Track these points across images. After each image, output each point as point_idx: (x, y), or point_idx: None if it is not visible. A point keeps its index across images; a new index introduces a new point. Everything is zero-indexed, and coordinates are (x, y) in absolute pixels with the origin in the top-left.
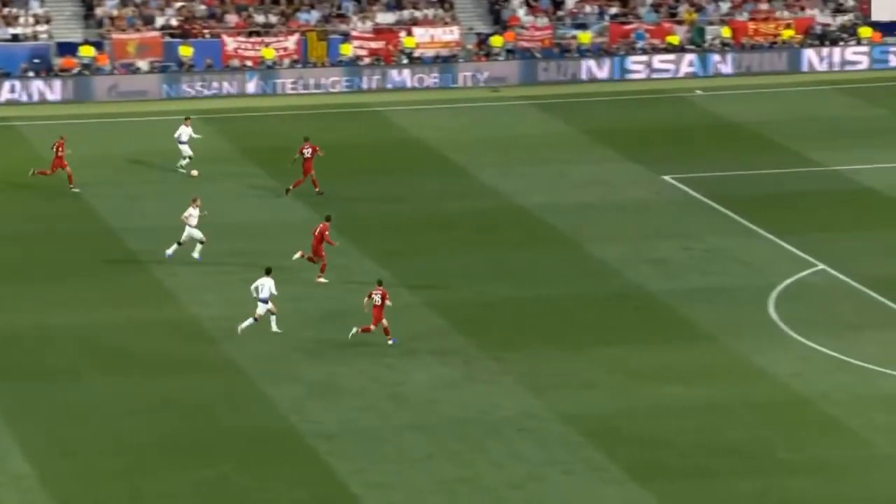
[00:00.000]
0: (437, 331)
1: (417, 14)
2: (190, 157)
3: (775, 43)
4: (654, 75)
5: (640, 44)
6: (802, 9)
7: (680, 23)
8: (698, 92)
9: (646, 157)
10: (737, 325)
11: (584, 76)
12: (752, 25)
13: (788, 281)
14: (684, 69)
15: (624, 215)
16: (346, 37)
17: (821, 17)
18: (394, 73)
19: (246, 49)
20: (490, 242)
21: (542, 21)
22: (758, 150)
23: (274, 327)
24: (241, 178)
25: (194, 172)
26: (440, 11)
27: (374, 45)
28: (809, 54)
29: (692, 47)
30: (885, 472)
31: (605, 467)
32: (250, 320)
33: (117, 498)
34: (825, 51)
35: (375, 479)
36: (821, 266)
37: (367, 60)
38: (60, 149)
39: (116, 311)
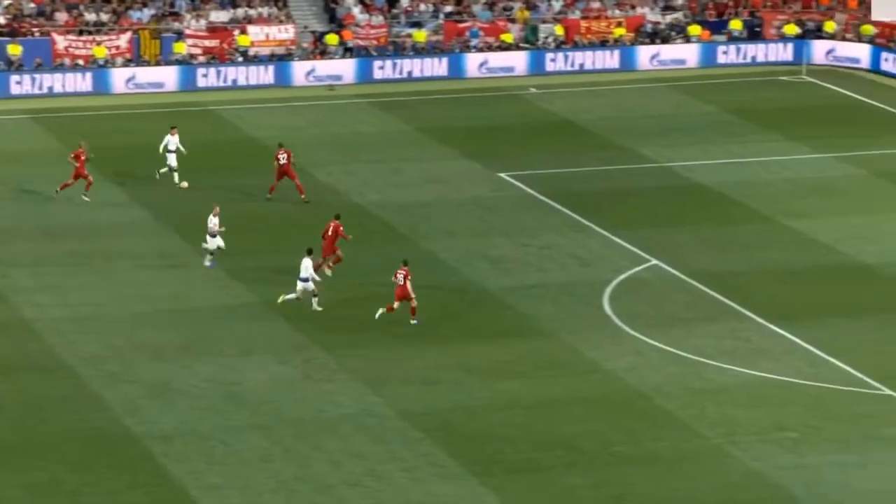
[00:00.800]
0: (275, 329)
1: (252, 12)
2: (173, 168)
3: (607, 41)
4: (489, 73)
5: (474, 42)
6: (633, 7)
7: (513, 21)
8: (532, 90)
9: (482, 155)
10: (572, 320)
11: (419, 74)
12: (584, 24)
13: (622, 276)
14: (518, 67)
15: (461, 213)
16: (180, 35)
17: (651, 16)
18: (229, 71)
19: (77, 48)
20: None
21: (378, 19)
22: (591, 147)
23: (315, 306)
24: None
25: (184, 184)
26: (274, 10)
27: (208, 43)
28: (640, 52)
29: (526, 45)
30: (715, 463)
31: (444, 463)
32: (293, 294)
33: None
34: (655, 48)
35: (212, 480)
36: (653, 261)
37: (201, 59)
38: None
39: None
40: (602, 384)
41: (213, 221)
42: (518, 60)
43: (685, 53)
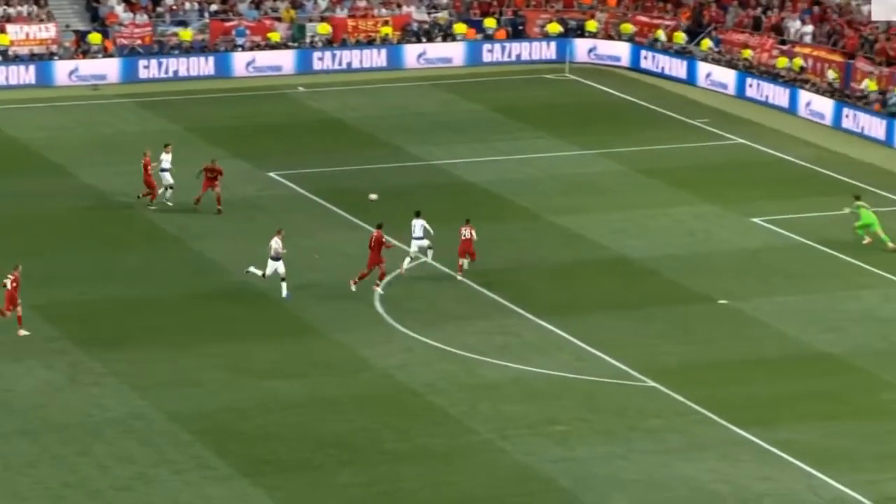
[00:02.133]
0: (43, 334)
1: (11, 11)
2: (171, 187)
3: (374, 40)
4: (257, 72)
5: (241, 41)
6: (399, 6)
7: (280, 20)
8: (300, 89)
9: (251, 154)
10: (344, 318)
11: (186, 74)
12: (350, 23)
13: (393, 274)
14: (286, 66)
15: (231, 212)
16: None
17: (417, 15)
18: None
19: None
20: (94, 242)
21: (142, 18)
22: (361, 145)
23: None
24: None
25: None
26: (35, 8)
27: None
28: (407, 51)
29: (293, 44)
30: (487, 458)
31: (215, 465)
32: (259, 271)
33: None
34: (422, 47)
35: None
36: (424, 259)
37: None
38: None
39: None
40: (374, 382)
41: (277, 244)
42: (285, 59)
43: (451, 52)
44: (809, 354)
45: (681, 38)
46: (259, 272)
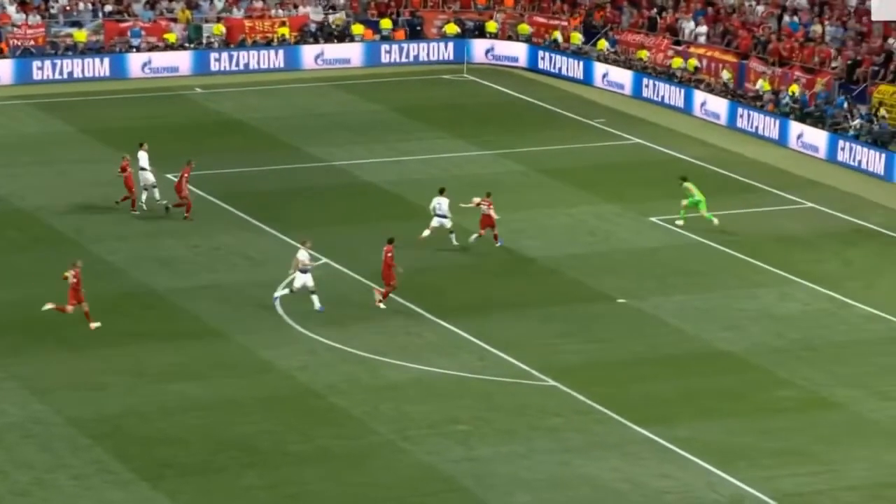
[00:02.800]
0: None
1: None
2: (154, 185)
3: (271, 41)
4: (153, 73)
5: (136, 42)
6: (296, 7)
7: (176, 20)
8: (197, 90)
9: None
10: (244, 320)
11: (81, 75)
12: (247, 23)
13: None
14: (183, 67)
15: (128, 215)
16: None
17: (314, 15)
18: None
19: None
20: None
21: (35, 19)
22: (260, 146)
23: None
24: None
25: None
26: None
27: None
28: (305, 51)
29: (189, 45)
30: (389, 458)
31: (115, 469)
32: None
33: None
34: (319, 48)
35: None
36: (324, 260)
37: None
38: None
39: None
40: (276, 383)
41: (304, 256)
42: (182, 60)
43: (349, 53)
44: (708, 352)
45: (577, 38)
46: (284, 291)
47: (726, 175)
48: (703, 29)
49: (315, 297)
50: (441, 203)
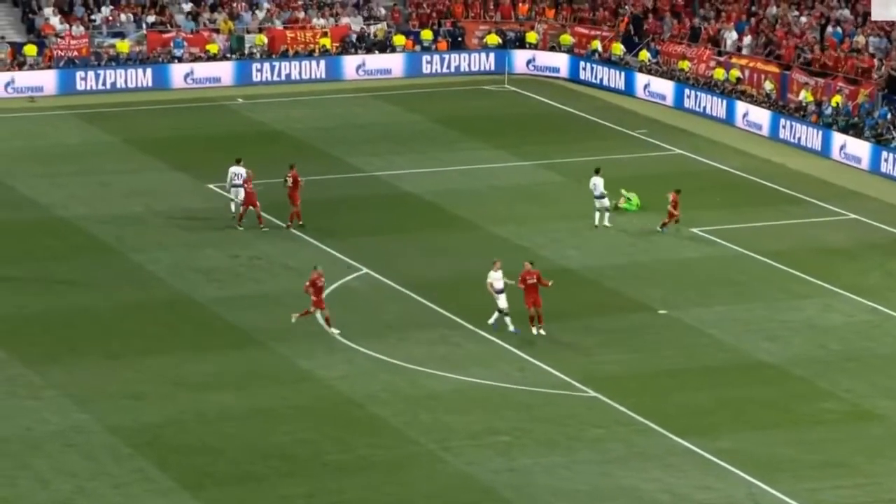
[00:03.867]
0: None
1: None
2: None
3: (313, 51)
4: (196, 84)
5: (179, 52)
6: (337, 17)
7: (218, 31)
8: (239, 100)
9: (191, 166)
10: (284, 330)
11: (124, 85)
12: (289, 34)
13: (334, 286)
14: (225, 78)
15: (170, 224)
16: None
17: (355, 26)
18: None
19: None
20: (31, 254)
21: (78, 30)
22: (301, 156)
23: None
24: None
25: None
26: None
27: None
28: (346, 62)
29: (231, 56)
30: (428, 468)
31: (156, 478)
32: (497, 315)
33: None
34: (361, 58)
35: None
36: (364, 270)
37: None
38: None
39: None
40: (315, 393)
41: (497, 277)
42: (224, 71)
43: (390, 63)
44: (749, 363)
45: (619, 49)
46: (495, 315)
47: (769, 186)
48: (747, 40)
49: (508, 320)
50: (597, 184)
